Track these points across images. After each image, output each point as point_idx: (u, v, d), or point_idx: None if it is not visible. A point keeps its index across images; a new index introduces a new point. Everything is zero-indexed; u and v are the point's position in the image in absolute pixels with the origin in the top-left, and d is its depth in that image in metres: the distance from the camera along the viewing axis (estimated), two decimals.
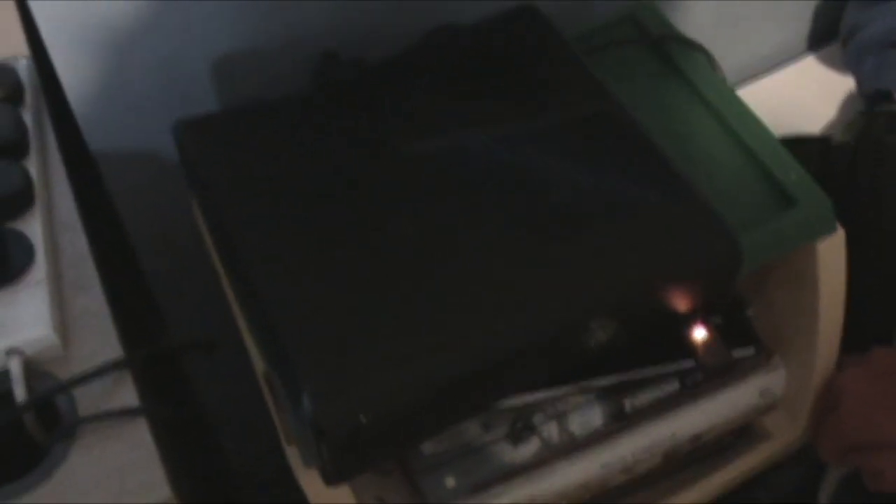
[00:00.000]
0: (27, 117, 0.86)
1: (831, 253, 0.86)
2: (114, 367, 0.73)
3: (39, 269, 0.77)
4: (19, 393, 0.71)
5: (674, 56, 0.94)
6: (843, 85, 1.30)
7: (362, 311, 0.71)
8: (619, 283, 0.74)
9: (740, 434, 1.01)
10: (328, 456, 0.68)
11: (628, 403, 0.89)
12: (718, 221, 0.77)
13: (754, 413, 0.98)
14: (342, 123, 0.83)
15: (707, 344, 0.86)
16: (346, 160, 0.81)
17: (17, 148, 0.83)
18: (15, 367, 0.72)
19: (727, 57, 0.97)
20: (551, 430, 0.86)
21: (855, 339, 0.94)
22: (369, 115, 0.84)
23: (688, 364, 0.90)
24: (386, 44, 0.89)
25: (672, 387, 0.91)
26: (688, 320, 0.85)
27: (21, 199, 0.80)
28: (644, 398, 0.90)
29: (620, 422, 0.89)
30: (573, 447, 0.88)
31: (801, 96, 1.31)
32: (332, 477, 0.70)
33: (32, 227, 0.79)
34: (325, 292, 0.72)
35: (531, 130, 0.83)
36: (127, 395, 0.73)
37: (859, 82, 1.22)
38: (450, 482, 0.83)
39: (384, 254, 0.74)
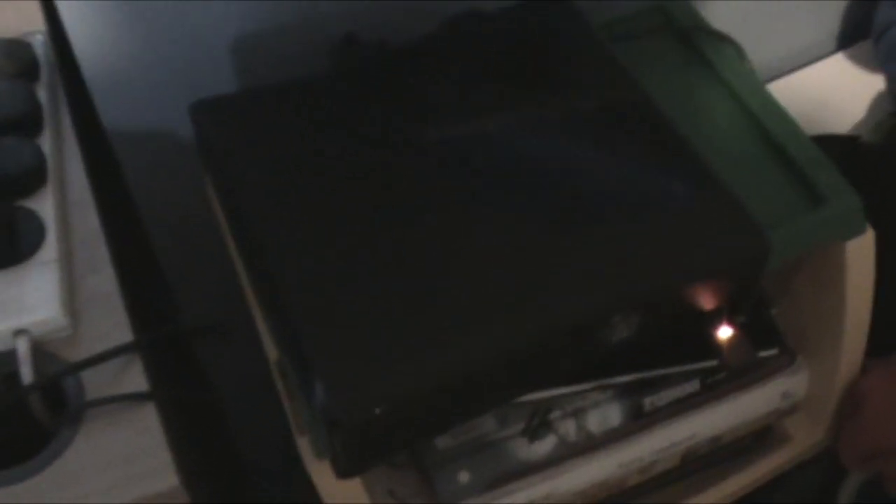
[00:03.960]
0: (42, 94, 0.85)
1: (860, 253, 0.85)
2: (123, 350, 0.72)
3: (50, 248, 0.76)
4: (26, 374, 0.70)
5: (703, 48, 0.92)
6: (873, 83, 1.28)
7: (379, 299, 0.69)
8: (644, 278, 0.73)
9: (760, 436, 0.99)
10: (340, 448, 0.66)
11: (648, 402, 0.87)
12: (746, 216, 0.76)
13: (775, 415, 0.96)
14: (362, 107, 0.82)
15: (732, 343, 0.85)
16: (366, 145, 0.79)
17: (30, 125, 0.82)
18: (22, 347, 0.71)
19: (756, 53, 0.95)
20: (568, 428, 0.85)
21: (880, 342, 0.92)
22: (390, 100, 0.82)
23: (709, 363, 0.88)
24: (408, 27, 0.88)
25: (693, 386, 0.89)
26: (713, 318, 0.83)
27: (33, 178, 0.79)
28: (664, 397, 0.88)
29: (639, 420, 0.88)
30: (590, 445, 0.87)
31: (829, 94, 1.29)
32: (343, 469, 0.69)
33: (44, 206, 0.78)
34: (341, 280, 0.70)
35: (556, 119, 0.82)
36: (136, 379, 0.72)
37: (889, 81, 1.20)
38: (463, 477, 0.81)
39: (402, 242, 0.73)
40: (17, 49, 0.87)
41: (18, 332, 0.72)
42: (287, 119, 0.82)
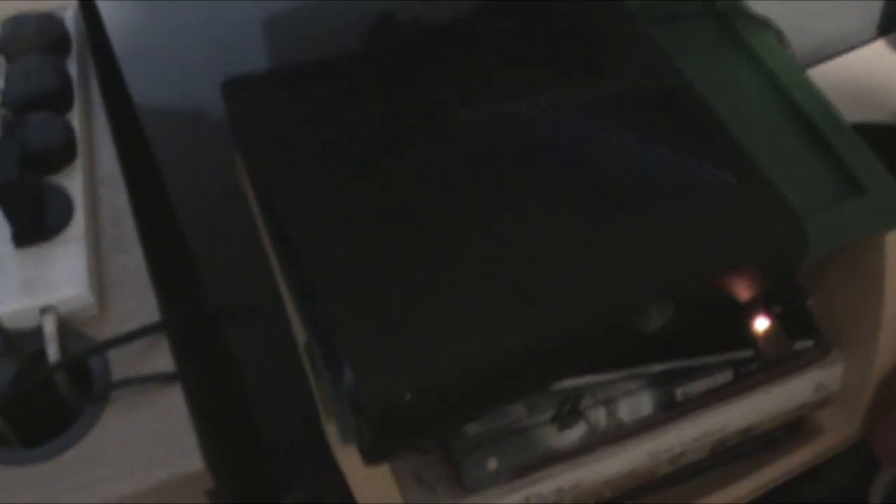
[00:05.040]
0: (72, 68, 0.85)
1: None
2: (150, 330, 0.71)
3: (78, 225, 0.75)
4: (52, 352, 0.70)
5: (742, 32, 0.90)
6: None
7: (410, 284, 0.68)
8: (680, 266, 0.72)
9: (792, 428, 0.98)
10: (367, 434, 0.65)
11: (680, 392, 0.86)
12: (785, 205, 0.75)
13: (808, 408, 0.95)
14: (396, 87, 0.81)
15: (769, 334, 0.83)
16: (398, 125, 0.78)
17: (61, 100, 0.82)
18: (49, 325, 0.70)
19: (796, 38, 0.94)
20: (599, 416, 0.84)
21: None
22: (424, 79, 0.82)
23: (743, 354, 0.87)
24: (444, 7, 0.86)
25: (725, 377, 0.88)
26: (748, 309, 0.82)
27: (63, 154, 0.78)
28: (696, 387, 0.87)
29: (670, 410, 0.87)
30: (621, 434, 0.86)
31: (870, 81, 1.28)
32: (370, 455, 0.68)
33: (73, 182, 0.78)
34: (372, 264, 0.69)
35: (594, 103, 0.80)
36: (162, 359, 0.71)
37: None
38: (492, 464, 0.80)
39: (433, 225, 0.72)
40: (49, 23, 0.86)
41: (45, 310, 0.71)
42: (318, 98, 0.81)
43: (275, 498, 1.23)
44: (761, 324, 0.83)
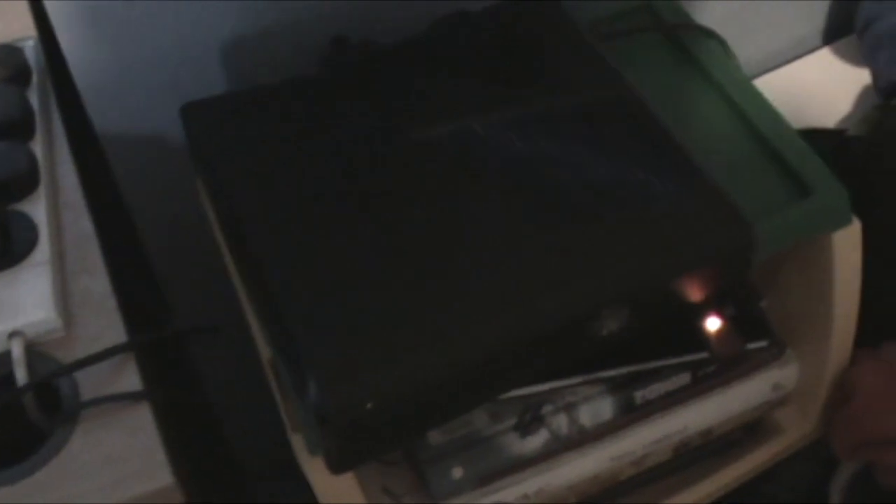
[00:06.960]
0: (33, 98, 0.86)
1: (847, 245, 0.85)
2: (117, 350, 0.72)
3: (43, 250, 0.76)
4: (20, 375, 0.70)
5: (689, 44, 0.92)
6: (858, 78, 1.29)
7: (370, 297, 0.70)
8: (632, 271, 0.73)
9: (751, 428, 0.99)
10: (332, 443, 0.67)
11: (639, 395, 0.88)
12: (732, 208, 0.76)
13: (766, 407, 0.97)
14: (352, 107, 0.82)
15: (721, 334, 0.85)
16: (356, 144, 0.80)
17: (23, 129, 0.83)
18: (16, 349, 0.71)
19: (742, 49, 0.96)
20: (560, 422, 0.85)
21: (868, 333, 0.92)
22: (379, 100, 0.83)
23: (700, 356, 0.88)
24: (395, 29, 0.88)
25: (683, 379, 0.90)
26: (701, 310, 0.84)
27: (26, 181, 0.79)
28: (655, 390, 0.88)
29: (631, 414, 0.88)
30: (582, 439, 0.87)
31: (815, 88, 1.30)
32: (336, 465, 0.69)
33: (36, 209, 0.79)
34: (332, 278, 0.71)
35: (543, 116, 0.82)
36: (130, 379, 0.72)
37: (875, 75, 1.21)
38: (456, 473, 0.81)
39: (393, 239, 0.73)
40: (9, 54, 0.87)
41: (13, 334, 0.72)
42: (277, 120, 0.82)
43: None
44: (713, 324, 0.85)
